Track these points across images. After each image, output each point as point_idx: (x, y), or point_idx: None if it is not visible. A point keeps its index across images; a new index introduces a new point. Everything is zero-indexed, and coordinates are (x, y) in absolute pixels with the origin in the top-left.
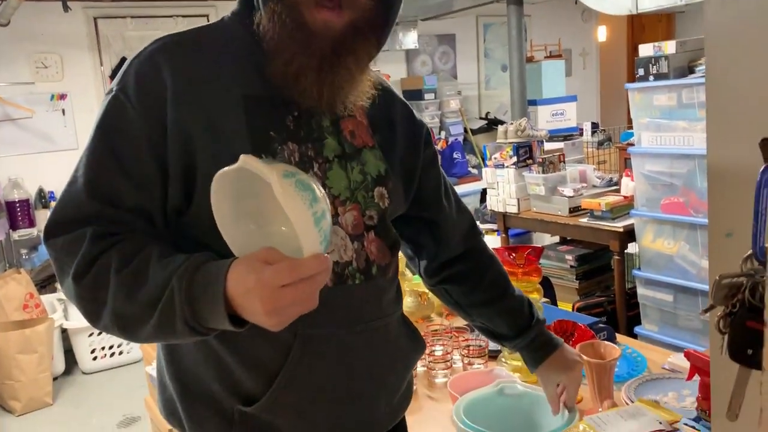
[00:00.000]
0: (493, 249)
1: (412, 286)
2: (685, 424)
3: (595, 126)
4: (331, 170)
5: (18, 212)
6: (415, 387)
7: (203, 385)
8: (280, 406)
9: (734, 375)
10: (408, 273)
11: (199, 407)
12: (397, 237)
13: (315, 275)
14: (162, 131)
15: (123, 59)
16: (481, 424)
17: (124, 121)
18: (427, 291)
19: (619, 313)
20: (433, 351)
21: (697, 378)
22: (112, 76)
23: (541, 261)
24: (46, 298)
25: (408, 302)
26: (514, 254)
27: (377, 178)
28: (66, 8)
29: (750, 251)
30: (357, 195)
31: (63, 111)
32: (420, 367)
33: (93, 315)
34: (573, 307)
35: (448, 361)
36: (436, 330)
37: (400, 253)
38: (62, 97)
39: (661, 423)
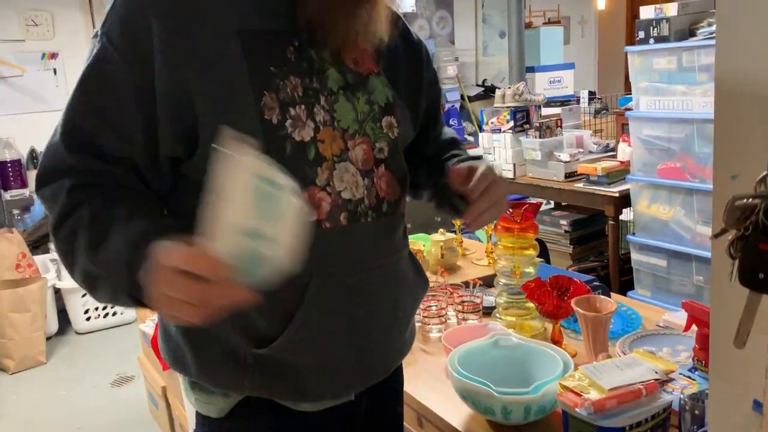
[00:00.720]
0: None
1: None
2: (681, 374)
3: (592, 94)
4: (337, 102)
5: (9, 172)
6: None
7: (213, 331)
8: (296, 345)
9: (736, 315)
10: None
11: (209, 353)
12: (406, 168)
13: (213, 281)
14: (150, 77)
15: None
16: (475, 374)
17: (107, 67)
18: (422, 249)
19: (612, 278)
20: (429, 307)
21: (692, 332)
22: None
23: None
24: (39, 259)
25: None
26: (511, 210)
27: (385, 107)
28: None
29: (765, 172)
30: (365, 127)
31: (54, 70)
32: (415, 322)
33: (69, 269)
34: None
35: (443, 316)
36: (431, 287)
37: None
38: (53, 56)
39: (657, 372)
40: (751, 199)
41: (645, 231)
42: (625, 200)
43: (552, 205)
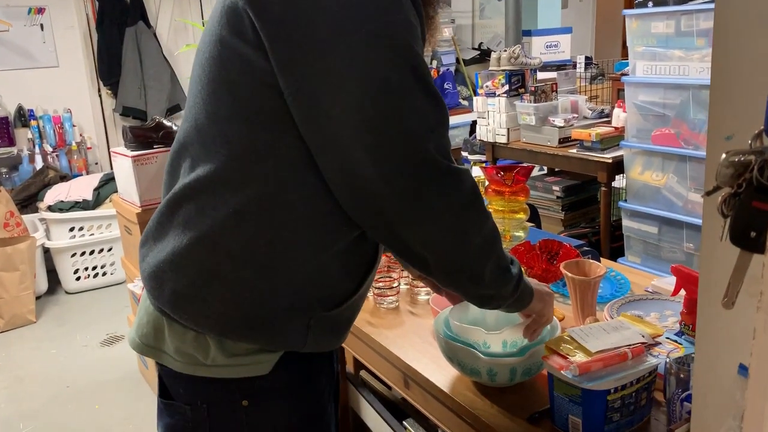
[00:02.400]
0: (483, 168)
1: None
2: (668, 338)
3: (588, 60)
4: None
5: None
6: (397, 304)
7: (289, 298)
8: (353, 304)
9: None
10: None
11: (282, 321)
12: None
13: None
14: None
15: None
16: (469, 323)
17: None
18: None
19: (603, 244)
20: None
21: (680, 297)
22: None
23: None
24: (28, 218)
25: None
26: (502, 173)
27: None
28: None
29: (762, 127)
30: None
31: (41, 26)
32: (403, 285)
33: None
34: None
35: None
36: None
37: None
38: (40, 11)
39: (643, 336)
40: (745, 156)
41: (637, 198)
42: (618, 166)
43: (545, 171)
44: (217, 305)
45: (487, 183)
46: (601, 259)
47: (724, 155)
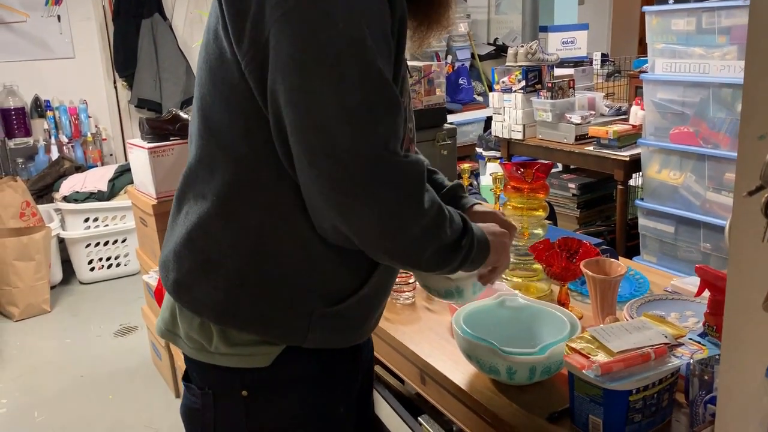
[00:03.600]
0: (501, 164)
1: None
2: (690, 339)
3: (605, 57)
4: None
5: (13, 120)
6: (413, 300)
7: (287, 291)
8: (359, 302)
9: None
10: None
11: (281, 312)
12: None
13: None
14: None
15: None
16: (480, 334)
17: None
18: None
19: (618, 242)
20: None
21: (702, 298)
22: None
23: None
24: (43, 208)
25: None
26: (522, 170)
27: (408, 93)
28: None
29: None
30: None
31: (59, 17)
32: None
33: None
34: None
35: None
36: None
37: None
38: (57, 2)
39: (666, 337)
40: None
41: (654, 196)
42: (635, 165)
43: (560, 168)
44: (213, 294)
45: (505, 179)
46: (621, 258)
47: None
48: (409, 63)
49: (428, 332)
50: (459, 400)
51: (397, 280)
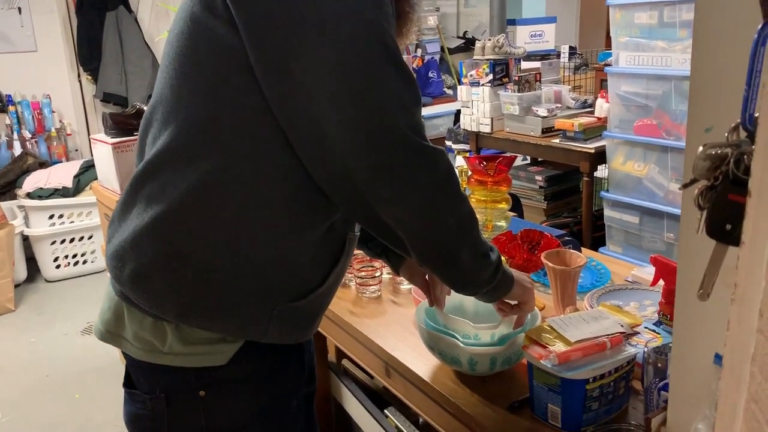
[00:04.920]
0: (465, 157)
1: None
2: (646, 328)
3: (572, 49)
4: None
5: None
6: (379, 293)
7: (253, 285)
8: (317, 297)
9: (702, 269)
10: None
11: (241, 307)
12: None
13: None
14: None
15: None
16: (442, 325)
17: None
18: None
19: (584, 233)
20: None
21: (659, 287)
22: None
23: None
24: (6, 205)
25: None
26: (485, 162)
27: None
28: None
29: (738, 121)
30: None
31: (19, 9)
32: (386, 275)
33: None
34: None
35: None
36: None
37: None
38: None
39: (622, 326)
40: (722, 149)
41: (619, 188)
42: (600, 157)
43: (528, 161)
44: (177, 286)
45: (469, 173)
46: (582, 249)
47: (701, 148)
48: None
49: (394, 325)
50: (423, 392)
51: (362, 274)
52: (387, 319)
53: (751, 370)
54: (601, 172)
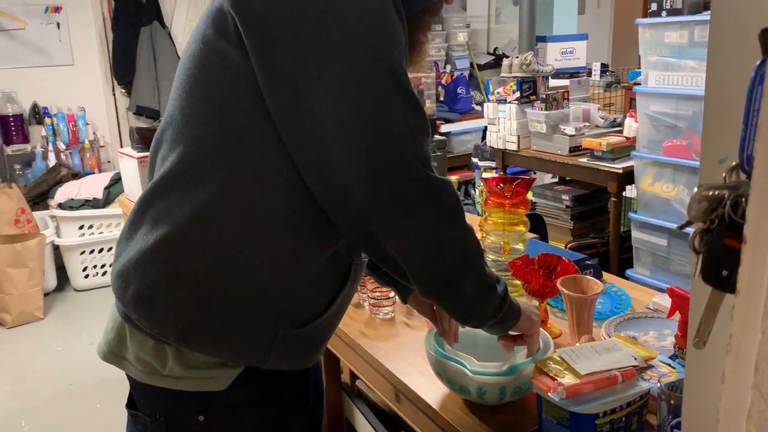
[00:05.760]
0: (483, 179)
1: None
2: (661, 361)
3: (604, 67)
4: None
5: (12, 127)
6: (393, 314)
7: (257, 313)
8: (329, 321)
9: None
10: None
11: (243, 332)
12: None
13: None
14: None
15: None
16: (457, 348)
17: None
18: None
19: (611, 255)
20: None
21: (677, 316)
22: None
23: (537, 200)
24: (39, 215)
25: None
26: (502, 185)
27: None
28: None
29: (737, 161)
30: None
31: (58, 24)
32: None
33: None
34: (565, 246)
35: None
36: None
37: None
38: (57, 9)
39: (635, 359)
40: (718, 191)
41: (647, 209)
42: (628, 177)
43: (556, 179)
44: (179, 308)
45: (487, 194)
46: (605, 273)
47: (696, 189)
48: None
49: (406, 348)
50: (431, 419)
51: (376, 294)
52: (399, 342)
53: (747, 428)
54: (630, 192)
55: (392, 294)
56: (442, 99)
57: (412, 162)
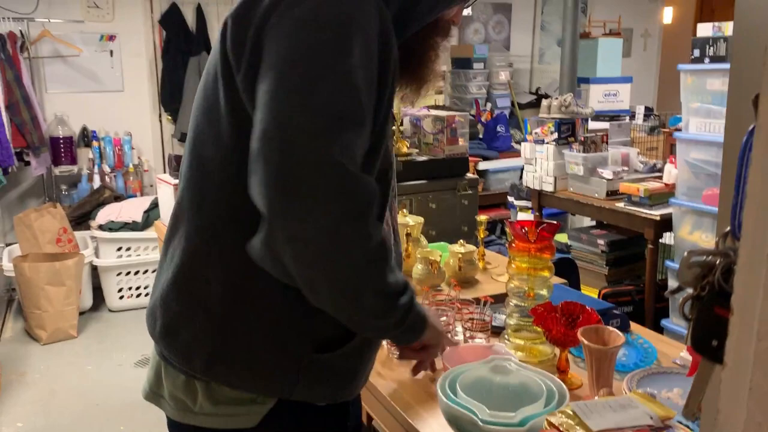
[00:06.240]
0: (508, 223)
1: (424, 253)
2: (679, 422)
3: (649, 111)
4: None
5: (61, 148)
6: None
7: (276, 337)
8: (351, 352)
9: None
10: (423, 240)
11: (266, 360)
12: None
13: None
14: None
15: (173, 5)
16: (470, 396)
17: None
18: (438, 260)
19: (647, 303)
20: None
21: None
22: (162, 21)
23: (572, 243)
24: (80, 235)
25: (418, 269)
26: (526, 229)
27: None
28: None
29: (729, 228)
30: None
31: (111, 52)
32: None
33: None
34: (599, 293)
35: (450, 332)
36: (441, 300)
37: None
38: (111, 38)
39: (652, 418)
40: (710, 257)
41: None
42: (666, 224)
43: (594, 223)
44: (202, 337)
45: (512, 237)
46: (633, 324)
47: (686, 254)
48: (433, 113)
49: (421, 393)
50: None
51: None
52: (415, 385)
53: None
54: (667, 238)
55: None
56: (481, 136)
57: (331, 148)
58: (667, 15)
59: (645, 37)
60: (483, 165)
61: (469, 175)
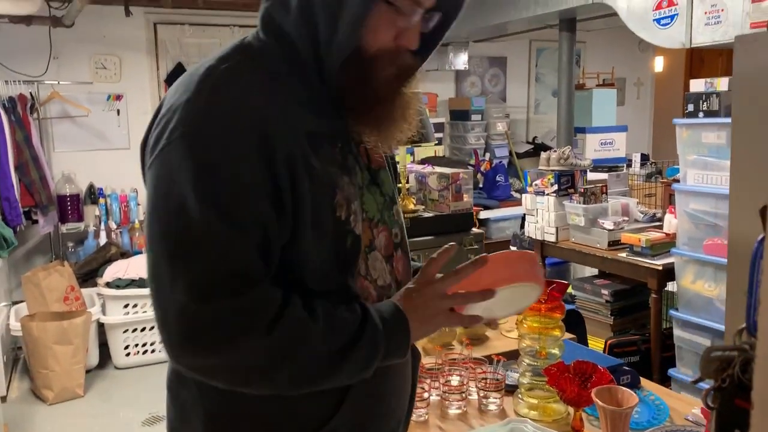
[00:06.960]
0: None
1: None
2: None
3: (645, 158)
4: (363, 196)
5: (68, 206)
6: (427, 416)
7: (267, 420)
8: (341, 426)
9: None
10: None
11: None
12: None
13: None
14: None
15: (179, 64)
16: None
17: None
18: None
19: (653, 353)
20: (449, 381)
21: None
22: (167, 80)
23: (576, 293)
24: (87, 292)
25: None
26: None
27: (392, 197)
28: (128, 13)
29: (743, 325)
30: (384, 215)
31: (118, 111)
32: (434, 396)
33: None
34: (605, 343)
35: (464, 392)
36: (454, 359)
37: None
38: (118, 97)
39: None
40: (728, 352)
41: (689, 307)
42: (668, 273)
43: (596, 273)
44: (207, 417)
45: None
46: (643, 380)
47: (705, 350)
48: (438, 170)
49: None
50: None
51: None
52: None
53: None
54: (670, 287)
55: (426, 395)
56: (481, 186)
57: (172, 299)
58: (658, 64)
59: (638, 86)
60: (484, 214)
61: (475, 230)
